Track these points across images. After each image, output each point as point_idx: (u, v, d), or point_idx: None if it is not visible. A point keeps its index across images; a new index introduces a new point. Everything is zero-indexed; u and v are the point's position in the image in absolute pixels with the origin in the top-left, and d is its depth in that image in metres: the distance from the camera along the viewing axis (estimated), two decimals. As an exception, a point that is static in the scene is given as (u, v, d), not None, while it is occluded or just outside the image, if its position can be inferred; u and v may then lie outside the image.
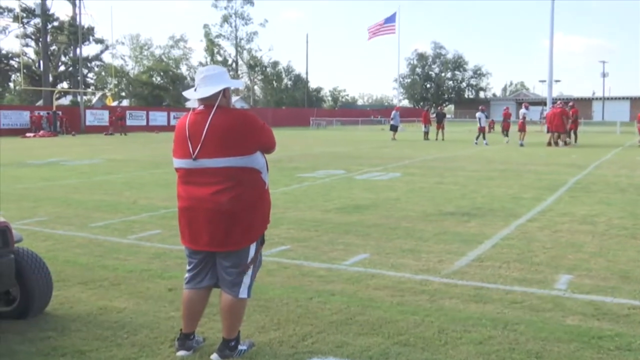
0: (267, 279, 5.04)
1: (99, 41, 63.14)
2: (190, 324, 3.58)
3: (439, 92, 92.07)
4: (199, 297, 3.55)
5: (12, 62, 61.82)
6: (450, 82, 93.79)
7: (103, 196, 10.25)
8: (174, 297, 4.56)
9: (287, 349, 3.61)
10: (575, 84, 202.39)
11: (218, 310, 3.66)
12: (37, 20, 57.41)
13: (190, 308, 3.55)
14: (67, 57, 62.29)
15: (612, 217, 7.97)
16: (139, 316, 4.20)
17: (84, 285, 4.96)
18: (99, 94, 62.92)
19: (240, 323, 3.56)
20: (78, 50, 54.45)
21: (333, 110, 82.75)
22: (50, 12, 57.38)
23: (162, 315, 4.22)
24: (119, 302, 4.50)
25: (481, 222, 7.63)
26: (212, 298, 3.70)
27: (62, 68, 63.95)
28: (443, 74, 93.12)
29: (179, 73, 78.10)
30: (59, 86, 61.28)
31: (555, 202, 9.35)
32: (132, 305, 4.44)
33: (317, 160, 18.03)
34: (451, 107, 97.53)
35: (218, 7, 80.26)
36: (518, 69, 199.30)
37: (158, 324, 4.03)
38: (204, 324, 3.94)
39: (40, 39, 58.72)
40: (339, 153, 21.37)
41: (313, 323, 4.04)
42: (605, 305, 4.40)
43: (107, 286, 4.94)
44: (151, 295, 4.69)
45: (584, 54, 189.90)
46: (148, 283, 5.02)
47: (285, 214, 8.19)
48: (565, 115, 24.22)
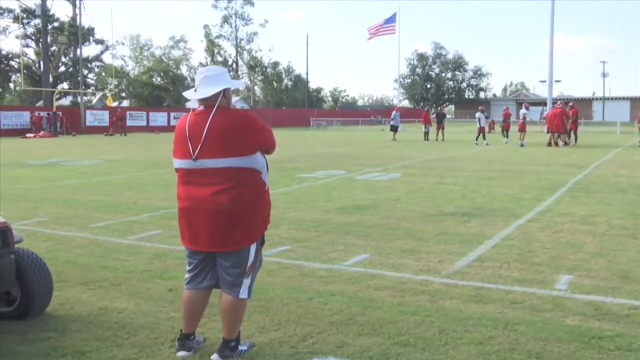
0: (268, 279, 5.05)
1: (99, 42, 63.24)
2: (190, 324, 3.58)
3: (439, 93, 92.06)
4: (199, 298, 3.56)
5: (13, 63, 61.84)
6: (451, 83, 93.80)
7: (103, 197, 10.25)
8: (174, 298, 4.56)
9: (288, 349, 3.61)
10: (575, 84, 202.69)
11: (218, 310, 3.66)
12: (38, 21, 57.44)
13: (190, 308, 3.55)
14: (68, 58, 62.33)
15: (613, 217, 7.97)
16: (139, 316, 4.20)
17: (84, 286, 4.96)
18: (99, 95, 63.00)
19: (241, 323, 3.56)
20: (78, 50, 54.49)
21: (333, 110, 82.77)
22: (51, 13, 57.39)
23: (163, 315, 4.22)
24: (120, 303, 4.50)
25: (481, 223, 7.63)
26: (212, 298, 3.70)
27: (63, 69, 63.99)
28: (443, 74, 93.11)
29: (179, 73, 78.19)
30: (59, 87, 61.31)
31: (556, 203, 9.35)
32: (133, 305, 4.44)
33: (318, 160, 18.04)
34: (451, 108, 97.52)
35: (218, 8, 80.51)
36: (518, 69, 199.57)
37: (158, 325, 4.03)
38: (204, 324, 3.94)
39: (41, 40, 58.74)
40: (339, 153, 21.38)
41: (313, 323, 4.04)
42: (606, 306, 4.40)
43: (108, 287, 4.95)
44: (151, 295, 4.69)
45: (584, 54, 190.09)
46: (148, 283, 5.02)
47: (286, 215, 8.19)
48: (565, 116, 24.23)
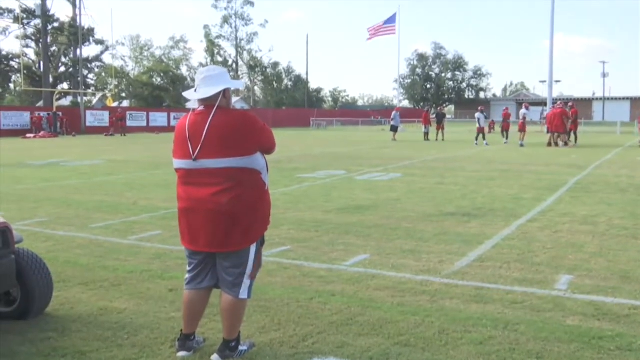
0: (268, 280, 5.05)
1: (99, 42, 63.33)
2: (190, 324, 3.58)
3: (439, 93, 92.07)
4: (200, 298, 3.55)
5: (13, 63, 61.88)
6: (451, 83, 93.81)
7: (103, 197, 10.25)
8: (174, 298, 4.56)
9: (288, 350, 3.61)
10: (575, 85, 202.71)
11: (218, 310, 3.66)
12: (38, 21, 57.48)
13: (190, 309, 3.55)
14: (68, 58, 62.36)
15: (613, 218, 7.97)
16: (139, 317, 4.20)
17: (84, 286, 4.96)
18: (99, 95, 63.03)
19: (241, 323, 3.56)
20: (78, 51, 54.49)
21: (333, 110, 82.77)
22: (51, 13, 57.43)
23: (163, 316, 4.22)
24: (120, 303, 4.51)
25: (482, 223, 7.63)
26: (213, 298, 3.70)
27: (63, 69, 64.02)
28: (443, 75, 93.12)
29: (179, 74, 78.21)
30: (60, 87, 61.36)
31: (556, 203, 9.34)
32: (133, 306, 4.44)
33: (318, 160, 18.04)
34: (451, 108, 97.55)
35: (218, 8, 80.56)
36: (518, 69, 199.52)
37: (158, 325, 4.03)
38: (205, 324, 3.94)
39: (41, 40, 58.76)
40: (339, 153, 21.38)
41: (313, 323, 4.04)
42: (606, 306, 4.40)
43: (108, 287, 4.94)
44: (152, 296, 4.69)
45: (584, 54, 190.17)
46: (148, 284, 5.02)
47: (286, 215, 8.19)
48: (566, 116, 24.23)
